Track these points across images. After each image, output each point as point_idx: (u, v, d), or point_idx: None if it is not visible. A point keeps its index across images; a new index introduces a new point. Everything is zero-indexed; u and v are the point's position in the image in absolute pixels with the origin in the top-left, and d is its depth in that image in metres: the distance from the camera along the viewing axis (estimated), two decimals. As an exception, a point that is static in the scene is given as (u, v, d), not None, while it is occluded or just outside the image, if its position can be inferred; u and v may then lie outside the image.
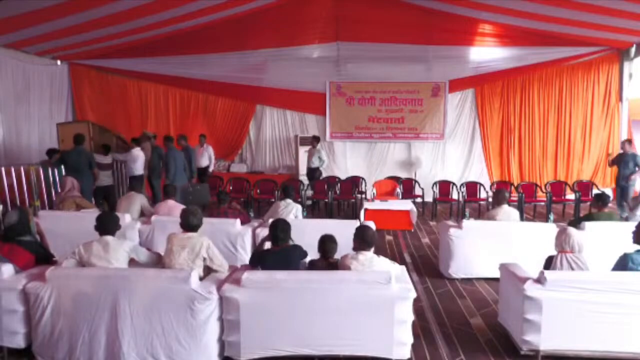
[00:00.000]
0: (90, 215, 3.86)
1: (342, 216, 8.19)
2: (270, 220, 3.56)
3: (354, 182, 9.01)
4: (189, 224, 3.39)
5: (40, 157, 7.75)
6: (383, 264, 3.25)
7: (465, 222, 4.86)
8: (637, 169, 7.29)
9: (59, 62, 9.04)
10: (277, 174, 9.86)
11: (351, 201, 8.73)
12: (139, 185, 6.09)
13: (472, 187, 8.47)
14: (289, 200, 5.50)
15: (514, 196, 7.81)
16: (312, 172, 8.94)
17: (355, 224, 4.58)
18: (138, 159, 7.84)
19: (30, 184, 6.75)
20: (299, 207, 5.49)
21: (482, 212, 7.84)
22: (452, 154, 10.08)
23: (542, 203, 8.15)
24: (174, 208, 5.28)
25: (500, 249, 4.57)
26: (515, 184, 8.89)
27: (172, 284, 3.01)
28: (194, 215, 3.40)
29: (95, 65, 9.54)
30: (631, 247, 3.32)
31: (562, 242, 3.30)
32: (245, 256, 4.67)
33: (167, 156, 7.40)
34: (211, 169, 9.24)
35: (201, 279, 3.17)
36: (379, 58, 9.57)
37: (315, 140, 9.04)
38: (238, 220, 4.92)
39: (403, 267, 3.40)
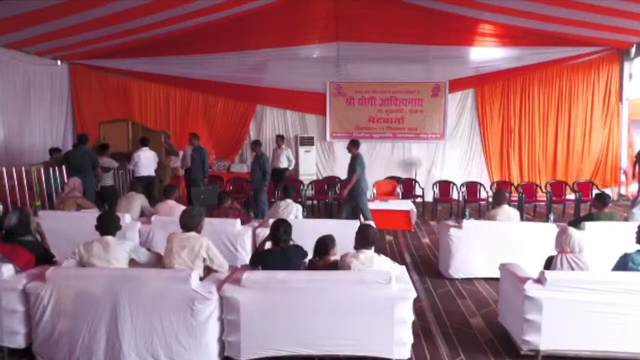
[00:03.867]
0: (91, 215, 3.86)
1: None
2: (271, 221, 3.57)
3: (354, 182, 8.99)
4: (188, 224, 3.38)
5: (43, 158, 7.75)
6: (383, 263, 3.26)
7: (465, 222, 4.85)
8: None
9: (59, 62, 9.04)
10: (277, 174, 9.85)
11: (351, 201, 8.71)
12: (139, 186, 6.07)
13: (472, 187, 8.47)
14: (289, 201, 5.50)
15: (514, 196, 7.81)
16: (280, 173, 8.47)
17: (356, 224, 4.58)
18: (140, 160, 7.66)
19: (31, 184, 6.75)
20: (299, 207, 5.49)
21: (482, 212, 7.84)
22: (452, 154, 10.07)
23: (542, 203, 8.15)
24: (174, 208, 5.28)
25: (500, 249, 4.57)
26: (515, 184, 8.89)
27: (172, 284, 3.01)
28: (194, 216, 3.41)
29: (96, 65, 9.52)
30: (631, 247, 3.32)
31: (562, 243, 3.30)
32: (246, 256, 4.67)
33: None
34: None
35: (201, 279, 3.17)
36: (379, 58, 9.56)
37: (280, 139, 8.77)
38: (238, 220, 4.93)
39: (403, 267, 3.40)
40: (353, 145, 6.69)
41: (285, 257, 3.30)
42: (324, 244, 3.35)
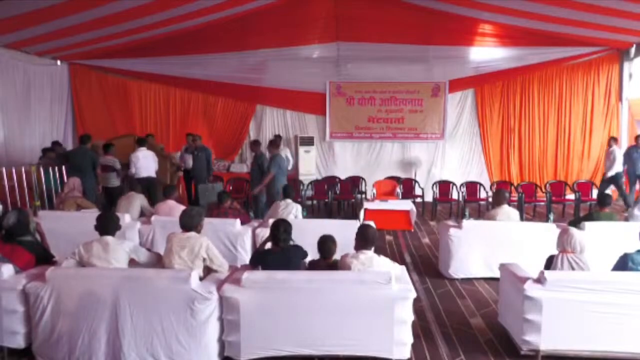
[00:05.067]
0: (91, 215, 3.86)
1: (342, 216, 8.18)
2: (271, 221, 3.56)
3: (354, 182, 9.01)
4: (188, 224, 3.38)
5: (43, 158, 7.75)
6: (383, 263, 3.25)
7: (465, 222, 4.85)
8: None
9: (59, 62, 9.03)
10: (277, 174, 9.83)
11: (351, 201, 8.73)
12: (139, 186, 6.05)
13: (472, 187, 8.47)
14: (289, 201, 5.49)
15: (514, 196, 7.81)
16: None
17: (355, 224, 4.58)
18: (139, 161, 7.52)
19: (31, 185, 6.74)
20: (299, 207, 5.48)
21: (482, 212, 7.84)
22: (452, 154, 10.07)
23: (542, 203, 8.15)
24: (174, 208, 5.28)
25: (500, 249, 4.57)
26: (515, 184, 8.89)
27: (172, 284, 3.01)
28: (193, 216, 3.40)
29: (95, 65, 9.52)
30: (631, 247, 3.32)
31: (563, 242, 3.30)
32: (245, 256, 4.67)
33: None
34: None
35: (201, 279, 3.17)
36: (379, 58, 9.56)
37: (278, 139, 8.60)
38: (238, 220, 4.93)
39: (403, 267, 3.40)
40: (272, 145, 6.89)
41: (285, 257, 3.30)
42: (327, 246, 3.34)
